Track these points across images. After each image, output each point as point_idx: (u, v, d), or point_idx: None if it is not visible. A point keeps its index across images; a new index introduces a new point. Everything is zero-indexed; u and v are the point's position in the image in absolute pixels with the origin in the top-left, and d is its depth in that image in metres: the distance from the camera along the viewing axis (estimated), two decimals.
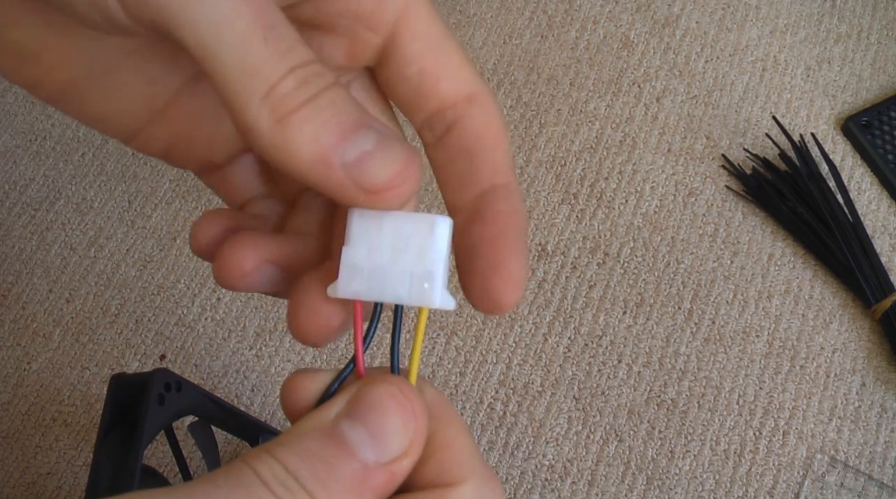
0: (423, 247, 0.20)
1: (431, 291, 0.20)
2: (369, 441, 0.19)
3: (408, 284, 0.20)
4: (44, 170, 0.67)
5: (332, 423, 0.19)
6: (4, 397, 0.58)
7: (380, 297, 0.20)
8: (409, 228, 0.20)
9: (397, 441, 0.19)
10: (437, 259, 0.20)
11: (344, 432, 0.19)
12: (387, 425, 0.19)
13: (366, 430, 0.19)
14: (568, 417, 0.55)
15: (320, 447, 0.18)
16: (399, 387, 0.19)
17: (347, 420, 0.19)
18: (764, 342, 0.57)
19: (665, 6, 0.70)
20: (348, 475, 0.18)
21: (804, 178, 0.60)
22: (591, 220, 0.61)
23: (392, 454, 0.19)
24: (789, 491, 0.52)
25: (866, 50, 0.67)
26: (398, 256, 0.20)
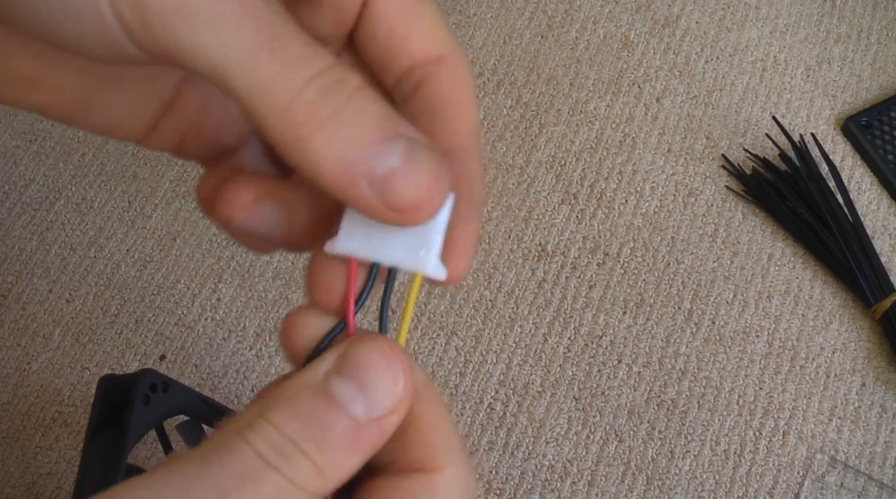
0: None
1: (427, 258, 0.21)
2: (360, 397, 0.19)
3: (405, 249, 0.21)
4: (44, 170, 0.67)
5: (322, 380, 0.19)
6: (4, 397, 0.58)
7: (376, 257, 0.21)
8: None
9: (387, 396, 0.19)
10: (436, 230, 0.21)
11: (334, 389, 0.19)
12: (376, 380, 0.19)
13: (356, 386, 0.19)
14: (568, 417, 0.55)
15: (312, 406, 0.18)
16: (388, 343, 0.20)
17: (337, 377, 0.19)
18: (764, 342, 0.57)
19: (665, 6, 0.70)
20: (341, 432, 0.18)
21: (804, 178, 0.60)
22: (591, 220, 0.61)
23: (382, 409, 0.19)
24: (789, 491, 0.52)
25: (866, 50, 0.67)
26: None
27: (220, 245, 0.63)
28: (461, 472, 0.20)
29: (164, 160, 0.67)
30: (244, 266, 0.62)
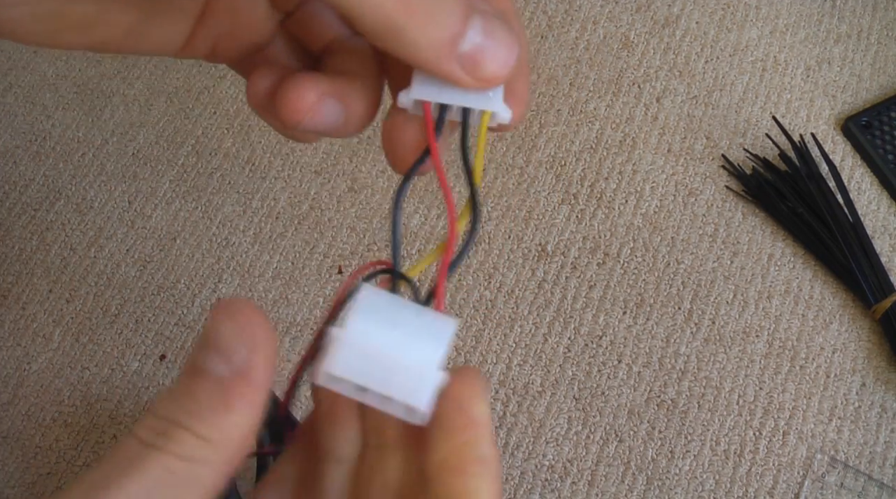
0: None
1: (495, 98, 0.23)
2: (217, 357, 0.19)
3: (475, 92, 0.23)
4: (44, 170, 0.67)
5: (190, 359, 0.20)
6: (4, 398, 0.58)
7: (448, 100, 0.23)
8: None
9: (240, 348, 0.19)
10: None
11: (197, 360, 0.19)
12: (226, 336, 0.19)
13: (213, 350, 0.19)
14: (568, 417, 0.55)
15: (183, 384, 0.19)
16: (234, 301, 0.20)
17: (198, 349, 0.20)
18: (764, 342, 0.57)
19: (665, 6, 0.70)
20: (209, 394, 0.19)
21: (804, 178, 0.60)
22: (591, 220, 0.61)
23: (241, 361, 0.19)
24: (789, 491, 0.52)
25: (866, 50, 0.67)
26: None
27: (220, 245, 0.63)
28: None
29: (164, 160, 0.67)
30: (244, 266, 0.62)
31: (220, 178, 0.65)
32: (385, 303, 0.21)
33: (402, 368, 0.20)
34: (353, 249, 0.62)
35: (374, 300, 0.21)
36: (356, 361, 0.20)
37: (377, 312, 0.21)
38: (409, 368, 0.20)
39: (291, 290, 0.60)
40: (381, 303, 0.21)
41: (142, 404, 0.57)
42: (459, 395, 0.21)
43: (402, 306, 0.21)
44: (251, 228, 0.63)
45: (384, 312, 0.21)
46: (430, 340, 0.21)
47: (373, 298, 0.21)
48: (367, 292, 0.21)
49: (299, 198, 0.64)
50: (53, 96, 0.70)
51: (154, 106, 0.69)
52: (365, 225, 0.62)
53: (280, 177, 0.65)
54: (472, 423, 0.20)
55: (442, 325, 0.21)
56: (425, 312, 0.21)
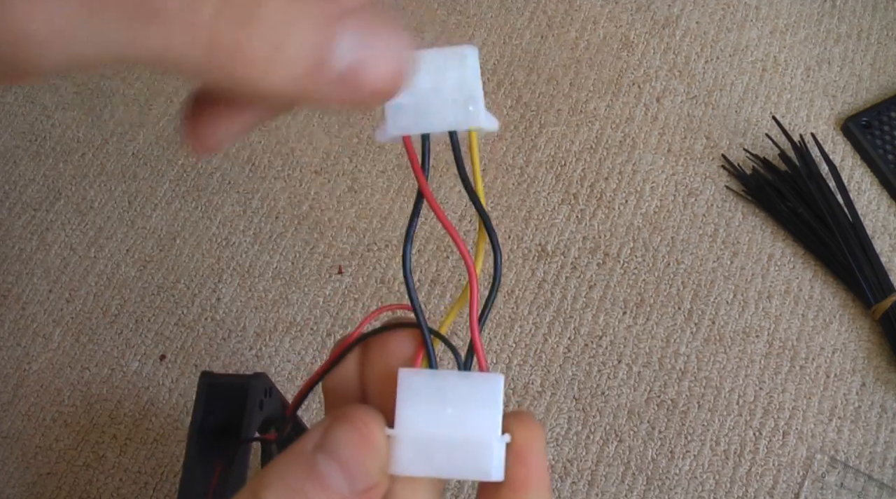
0: (461, 76, 0.21)
1: (477, 112, 0.21)
2: (342, 475, 0.20)
3: (452, 111, 0.21)
4: (44, 170, 0.67)
5: (309, 455, 0.20)
6: (4, 398, 0.58)
7: (428, 128, 0.21)
8: (443, 62, 0.21)
9: (367, 475, 0.20)
10: (475, 84, 0.21)
11: (320, 468, 0.20)
12: (356, 460, 0.20)
13: (338, 465, 0.20)
14: (568, 417, 0.55)
15: (300, 484, 0.19)
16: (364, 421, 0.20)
17: (321, 454, 0.20)
18: (764, 342, 0.57)
19: (665, 6, 0.70)
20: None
21: (804, 178, 0.59)
22: (591, 220, 0.61)
23: (363, 485, 0.20)
24: (789, 491, 0.52)
25: (866, 50, 0.67)
26: (438, 88, 0.21)
27: (220, 245, 0.63)
28: None
29: (164, 160, 0.67)
30: (244, 266, 0.62)
31: (220, 178, 0.65)
32: (426, 382, 0.21)
33: (464, 447, 0.20)
34: (353, 249, 0.62)
35: (415, 382, 0.21)
36: (419, 455, 0.20)
37: (422, 396, 0.21)
38: (472, 445, 0.20)
39: (291, 290, 0.60)
40: (422, 384, 0.21)
41: (142, 403, 0.57)
42: (522, 451, 0.21)
43: (445, 379, 0.21)
44: (251, 228, 0.63)
45: (428, 392, 0.21)
46: (483, 407, 0.21)
47: (413, 381, 0.21)
48: (406, 376, 0.21)
49: (299, 198, 0.64)
50: (53, 96, 0.70)
51: (154, 106, 0.69)
52: (365, 225, 0.62)
53: (280, 177, 0.65)
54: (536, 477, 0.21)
55: (489, 384, 0.21)
56: (469, 377, 0.21)
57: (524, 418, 0.22)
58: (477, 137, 0.22)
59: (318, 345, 0.58)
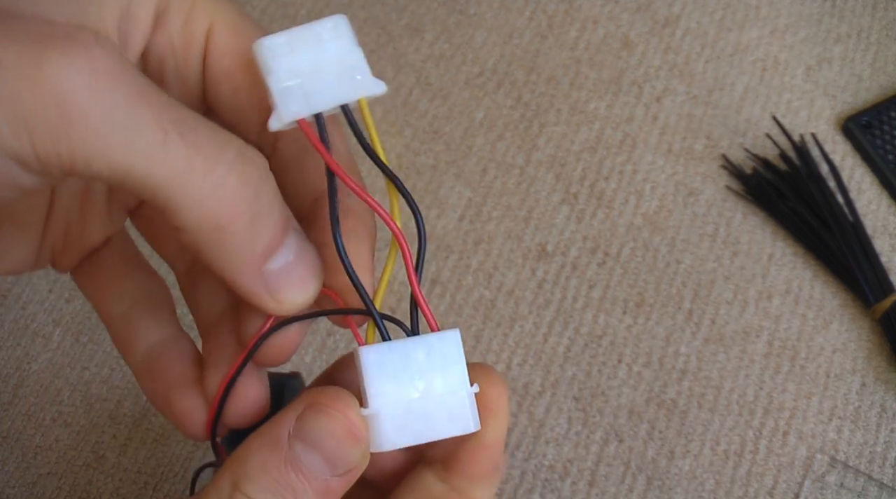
0: (338, 46, 0.21)
1: (365, 79, 0.21)
2: (323, 464, 0.20)
3: (341, 84, 0.21)
4: None
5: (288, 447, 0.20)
6: (4, 398, 0.58)
7: (321, 106, 0.21)
8: (316, 37, 0.21)
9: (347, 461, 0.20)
10: (354, 51, 0.21)
11: (300, 457, 0.20)
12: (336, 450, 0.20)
13: (319, 454, 0.20)
14: (568, 417, 0.55)
15: (282, 476, 0.20)
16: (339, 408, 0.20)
17: (300, 444, 0.20)
18: (764, 342, 0.57)
19: (665, 6, 0.70)
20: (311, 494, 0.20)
21: (804, 178, 0.60)
22: (591, 220, 0.61)
23: (345, 469, 0.20)
24: (789, 491, 0.52)
25: (866, 50, 0.67)
26: (320, 65, 0.21)
27: None
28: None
29: None
30: None
31: None
32: (386, 355, 0.21)
33: (440, 409, 0.21)
34: None
35: (376, 358, 0.21)
36: (398, 428, 0.21)
37: (387, 369, 0.21)
38: (446, 404, 0.21)
39: None
40: (383, 357, 0.21)
41: (142, 403, 0.57)
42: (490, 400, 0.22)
43: (403, 348, 0.21)
44: None
45: (392, 365, 0.21)
46: (448, 364, 0.21)
47: (373, 357, 0.21)
48: (365, 354, 0.21)
49: None
50: None
51: None
52: None
53: None
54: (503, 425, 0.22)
55: (447, 341, 0.21)
56: (425, 339, 0.21)
57: (485, 369, 0.22)
58: (367, 103, 0.22)
59: (318, 345, 0.58)
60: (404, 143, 0.65)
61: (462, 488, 0.22)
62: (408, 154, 0.64)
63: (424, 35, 0.70)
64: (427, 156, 0.65)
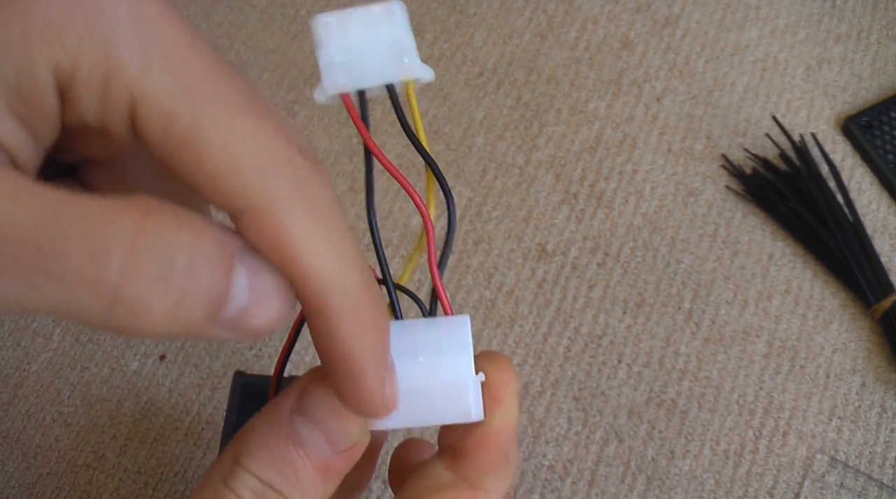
0: (391, 30, 0.21)
1: (412, 63, 0.22)
2: (323, 440, 0.20)
3: (388, 64, 0.21)
4: None
5: (287, 423, 0.20)
6: (4, 398, 0.58)
7: (366, 83, 0.21)
8: (371, 18, 0.21)
9: (348, 437, 0.20)
10: (406, 35, 0.22)
11: (300, 433, 0.20)
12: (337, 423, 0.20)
13: (319, 430, 0.20)
14: (568, 417, 0.55)
15: (282, 451, 0.20)
16: None
17: (300, 419, 0.20)
18: (764, 342, 0.57)
19: (665, 6, 0.70)
20: (311, 470, 0.20)
21: (804, 178, 0.60)
22: (591, 220, 0.61)
23: (346, 445, 0.20)
24: (789, 491, 0.52)
25: (866, 50, 0.67)
26: (371, 44, 0.21)
27: None
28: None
29: None
30: None
31: None
32: (395, 334, 0.21)
33: (442, 392, 0.20)
34: None
35: None
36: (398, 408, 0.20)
37: (393, 349, 0.21)
38: (449, 389, 0.20)
39: None
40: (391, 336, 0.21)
41: (142, 403, 0.57)
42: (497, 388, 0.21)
43: (412, 328, 0.21)
44: None
45: (398, 344, 0.21)
46: (454, 350, 0.21)
47: None
48: None
49: None
50: None
51: None
52: (365, 225, 0.62)
53: None
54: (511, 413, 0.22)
55: (456, 327, 0.21)
56: (435, 322, 0.21)
57: (496, 357, 0.22)
58: (413, 87, 0.22)
59: None
60: (404, 142, 0.65)
61: (472, 478, 0.21)
62: (408, 154, 0.64)
63: (424, 35, 0.70)
64: None
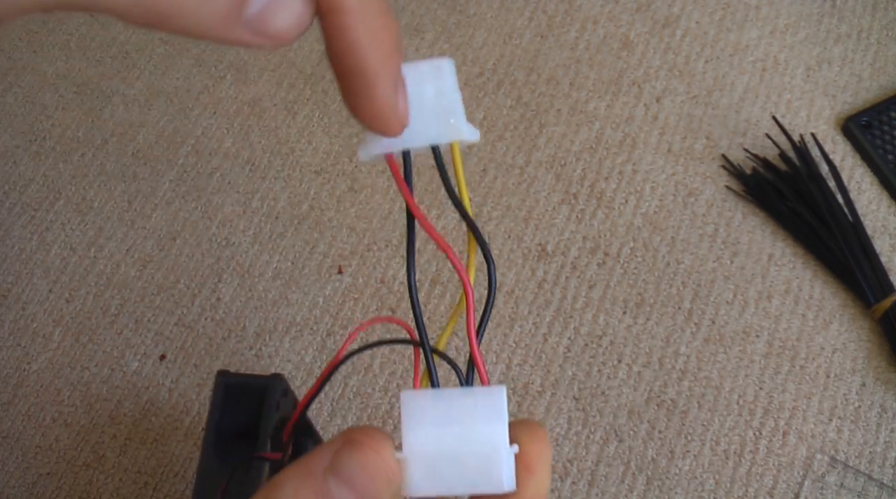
0: (439, 89, 0.21)
1: (458, 124, 0.21)
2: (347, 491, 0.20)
3: (434, 125, 0.21)
4: (44, 170, 0.67)
5: (322, 481, 0.20)
6: (4, 398, 0.58)
7: (412, 144, 0.21)
8: (419, 76, 0.21)
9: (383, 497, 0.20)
10: (454, 96, 0.21)
11: (332, 491, 0.20)
12: (368, 488, 0.20)
13: (352, 492, 0.20)
14: (568, 417, 0.55)
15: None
16: (375, 447, 0.20)
17: (334, 479, 0.20)
18: (764, 342, 0.57)
19: (665, 6, 0.70)
20: None
21: (804, 178, 0.59)
22: (591, 220, 0.61)
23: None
24: (789, 491, 0.52)
25: (866, 50, 0.67)
26: (417, 103, 0.21)
27: (220, 245, 0.63)
28: None
29: (164, 160, 0.67)
30: (244, 266, 0.62)
31: (220, 178, 0.65)
32: (430, 402, 0.21)
33: (475, 463, 0.20)
34: (353, 249, 0.62)
35: (419, 404, 0.21)
36: (430, 475, 0.20)
37: (427, 417, 0.21)
38: (482, 460, 0.20)
39: (291, 290, 0.60)
40: (426, 404, 0.21)
41: (142, 403, 0.57)
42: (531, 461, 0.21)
43: (448, 398, 0.21)
44: (251, 228, 0.63)
45: (433, 413, 0.21)
46: (489, 421, 0.21)
47: (417, 402, 0.21)
48: (409, 398, 0.21)
49: (299, 198, 0.64)
50: (53, 96, 0.70)
51: (154, 106, 0.69)
52: (365, 225, 0.62)
53: (280, 177, 0.65)
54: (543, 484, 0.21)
55: (492, 398, 0.21)
56: (471, 392, 0.21)
57: (531, 426, 0.22)
58: (459, 149, 0.21)
59: (318, 345, 0.58)
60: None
61: None
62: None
63: (424, 35, 0.70)
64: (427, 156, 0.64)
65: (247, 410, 0.38)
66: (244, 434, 0.38)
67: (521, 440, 0.21)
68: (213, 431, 0.38)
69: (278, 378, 0.39)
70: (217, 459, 0.37)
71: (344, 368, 0.57)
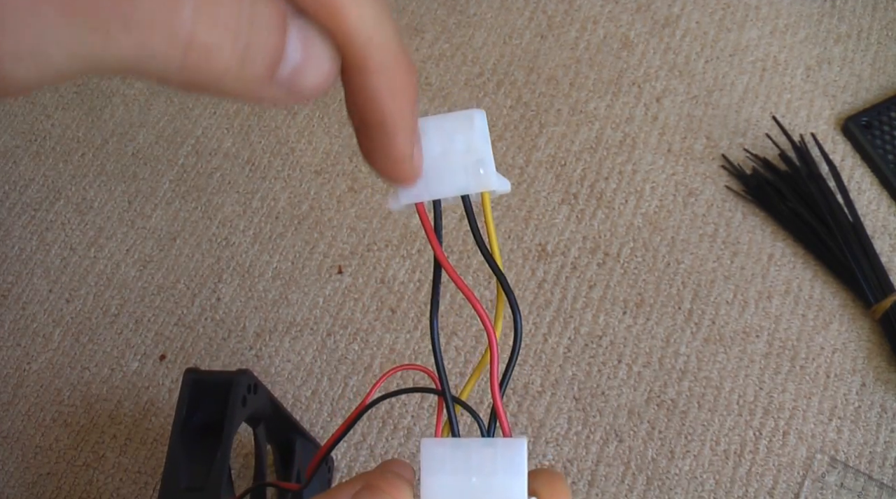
0: (469, 139, 0.21)
1: (488, 175, 0.21)
2: None
3: (464, 175, 0.21)
4: (44, 170, 0.67)
5: None
6: (4, 397, 0.58)
7: (442, 194, 0.21)
8: (450, 126, 0.21)
9: None
10: (484, 147, 0.22)
11: None
12: None
13: None
14: (568, 417, 0.55)
15: None
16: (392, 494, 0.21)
17: None
18: (764, 342, 0.57)
19: (665, 6, 0.69)
20: None
21: (804, 178, 0.59)
22: (591, 220, 0.61)
23: None
24: (789, 491, 0.52)
25: (866, 50, 0.67)
26: (447, 153, 0.21)
27: (220, 245, 0.63)
28: None
29: (164, 160, 0.67)
30: (244, 266, 0.62)
31: (220, 178, 0.65)
32: (449, 452, 0.21)
33: None
34: (353, 249, 0.62)
35: (439, 453, 0.21)
36: None
37: (446, 466, 0.20)
38: None
39: (291, 290, 0.60)
40: (446, 454, 0.21)
41: (142, 403, 0.57)
42: None
43: (468, 448, 0.21)
44: (251, 228, 0.63)
45: (452, 462, 0.21)
46: (508, 474, 0.21)
47: (436, 451, 0.21)
48: (429, 447, 0.21)
49: (299, 198, 0.64)
50: (53, 96, 0.70)
51: (154, 106, 0.69)
52: (365, 225, 0.62)
53: (280, 177, 0.65)
54: None
55: (513, 450, 0.21)
56: (492, 443, 0.21)
57: (551, 478, 0.22)
58: (489, 199, 0.22)
59: (318, 345, 0.58)
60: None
61: None
62: None
63: (424, 35, 0.70)
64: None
65: (213, 405, 0.38)
66: (213, 431, 0.38)
67: (540, 493, 0.21)
68: (180, 426, 0.38)
69: (245, 374, 0.39)
70: (184, 453, 0.37)
71: (344, 368, 0.58)
